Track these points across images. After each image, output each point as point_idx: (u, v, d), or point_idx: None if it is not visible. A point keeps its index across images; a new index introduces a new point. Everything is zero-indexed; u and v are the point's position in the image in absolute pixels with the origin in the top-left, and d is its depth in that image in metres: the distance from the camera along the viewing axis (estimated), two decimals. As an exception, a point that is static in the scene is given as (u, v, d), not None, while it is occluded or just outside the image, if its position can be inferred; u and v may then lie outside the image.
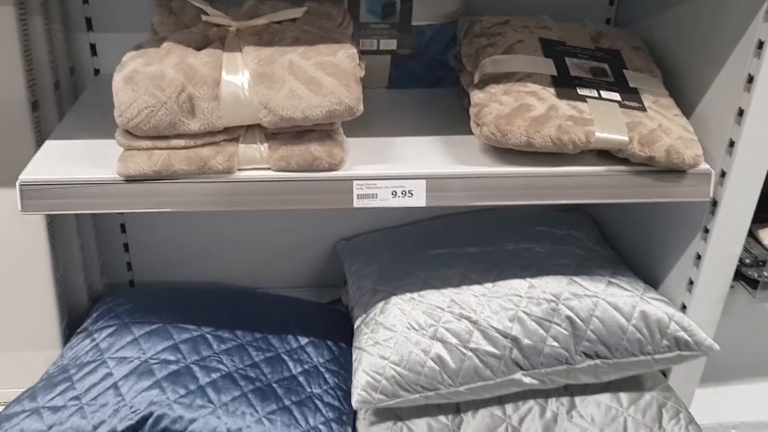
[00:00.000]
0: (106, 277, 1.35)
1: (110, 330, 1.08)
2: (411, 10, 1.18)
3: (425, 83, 1.24)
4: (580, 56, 1.07)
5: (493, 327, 1.02)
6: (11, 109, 1.05)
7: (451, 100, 1.19)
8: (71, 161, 0.93)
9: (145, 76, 0.85)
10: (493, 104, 0.95)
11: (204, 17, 0.96)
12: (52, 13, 1.12)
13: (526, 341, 1.02)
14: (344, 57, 0.89)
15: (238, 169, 0.91)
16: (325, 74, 0.87)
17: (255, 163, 0.92)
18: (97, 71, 1.25)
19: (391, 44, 1.20)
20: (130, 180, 0.89)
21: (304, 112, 0.87)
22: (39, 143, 1.08)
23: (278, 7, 0.99)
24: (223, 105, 0.87)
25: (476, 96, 0.98)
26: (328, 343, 1.16)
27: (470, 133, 1.01)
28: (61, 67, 1.15)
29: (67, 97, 1.18)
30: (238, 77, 0.88)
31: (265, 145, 0.91)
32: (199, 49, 0.90)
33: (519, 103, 0.95)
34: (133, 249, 1.39)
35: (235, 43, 0.91)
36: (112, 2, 1.20)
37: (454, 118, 1.12)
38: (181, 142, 0.88)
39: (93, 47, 1.23)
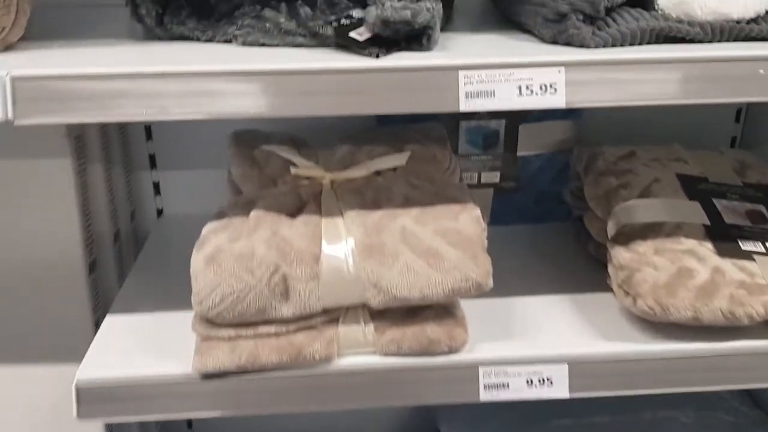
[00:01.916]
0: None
1: None
2: (516, 140, 1.03)
3: (531, 218, 1.08)
4: (729, 196, 0.90)
5: None
6: (66, 272, 0.91)
7: (565, 239, 1.02)
8: (135, 348, 0.78)
9: (231, 255, 0.70)
10: (645, 269, 0.77)
11: (293, 170, 0.81)
12: (114, 156, 1.00)
13: None
14: (468, 221, 0.73)
15: (338, 355, 0.75)
16: (446, 244, 0.71)
17: (358, 346, 0.75)
18: (160, 212, 1.12)
19: (493, 177, 1.05)
20: (207, 376, 0.73)
21: (422, 291, 0.71)
22: (96, 309, 0.95)
23: (375, 153, 0.84)
24: (323, 285, 0.71)
25: (620, 255, 0.81)
26: None
27: (601, 287, 0.85)
28: (121, 214, 1.02)
29: (127, 246, 1.04)
30: (341, 248, 0.72)
31: (371, 325, 0.75)
32: (292, 213, 0.75)
33: (677, 266, 0.77)
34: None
35: (334, 204, 0.76)
36: (178, 137, 1.08)
37: (575, 266, 0.95)
38: (271, 329, 0.72)
39: (156, 186, 1.11)
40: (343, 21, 0.70)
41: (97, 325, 0.95)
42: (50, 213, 0.89)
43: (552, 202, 1.07)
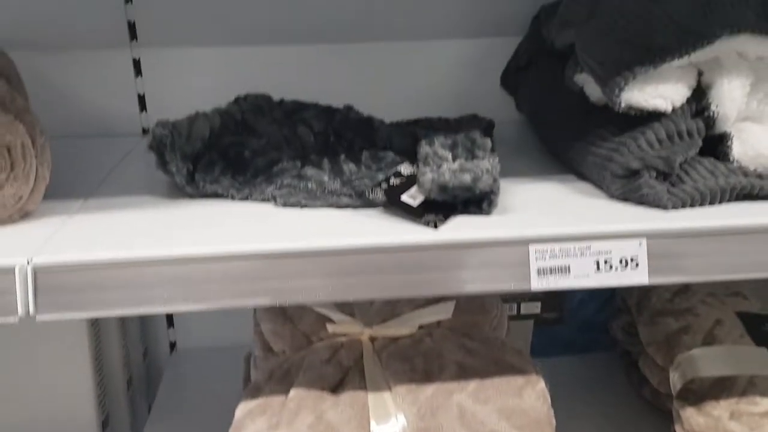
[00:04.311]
0: None
1: None
2: (557, 268, 0.97)
3: (575, 349, 1.01)
4: (797, 340, 0.83)
5: None
6: (76, 433, 0.83)
7: (613, 374, 0.96)
8: None
9: (270, 447, 0.62)
10: (724, 438, 0.70)
11: (330, 327, 0.74)
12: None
13: None
14: (533, 398, 0.66)
15: None
16: (511, 427, 0.64)
17: None
18: (173, 346, 1.04)
19: (534, 308, 0.98)
20: None
21: (486, 481, 0.63)
22: (108, 472, 0.86)
23: (417, 302, 0.77)
24: (374, 474, 0.63)
25: (693, 419, 0.73)
26: None
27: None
28: (134, 357, 0.94)
29: (140, 388, 0.96)
30: (391, 428, 0.64)
31: None
32: (334, 387, 0.68)
33: (759, 436, 0.70)
34: None
35: (379, 373, 0.69)
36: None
37: (630, 411, 0.89)
38: None
39: (169, 318, 1.03)
40: (392, 180, 0.64)
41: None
42: (62, 370, 0.81)
43: (597, 332, 1.00)
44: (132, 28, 0.90)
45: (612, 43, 0.65)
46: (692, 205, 0.62)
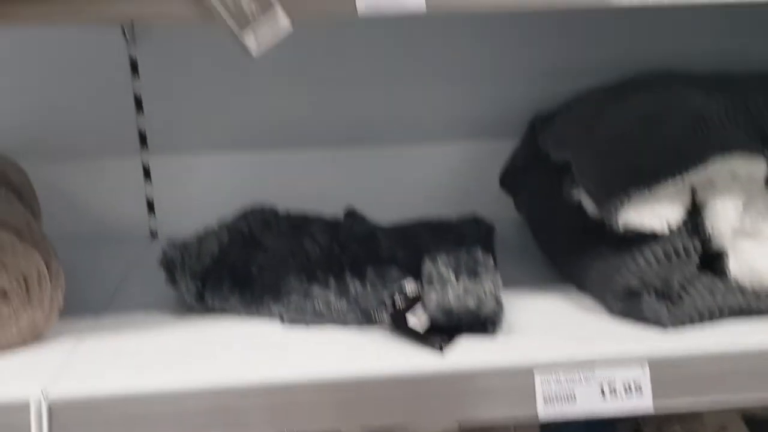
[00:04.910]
0: None
1: None
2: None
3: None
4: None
5: None
6: None
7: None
8: None
9: None
10: None
11: None
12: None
13: None
14: None
15: None
16: None
17: None
18: None
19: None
20: None
21: None
22: None
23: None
24: None
25: None
26: None
27: None
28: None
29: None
30: None
31: None
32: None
33: None
34: None
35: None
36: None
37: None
38: None
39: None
40: (397, 301, 0.65)
41: None
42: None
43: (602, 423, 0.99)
44: (142, 137, 0.93)
45: (608, 165, 0.67)
46: (691, 323, 0.63)
